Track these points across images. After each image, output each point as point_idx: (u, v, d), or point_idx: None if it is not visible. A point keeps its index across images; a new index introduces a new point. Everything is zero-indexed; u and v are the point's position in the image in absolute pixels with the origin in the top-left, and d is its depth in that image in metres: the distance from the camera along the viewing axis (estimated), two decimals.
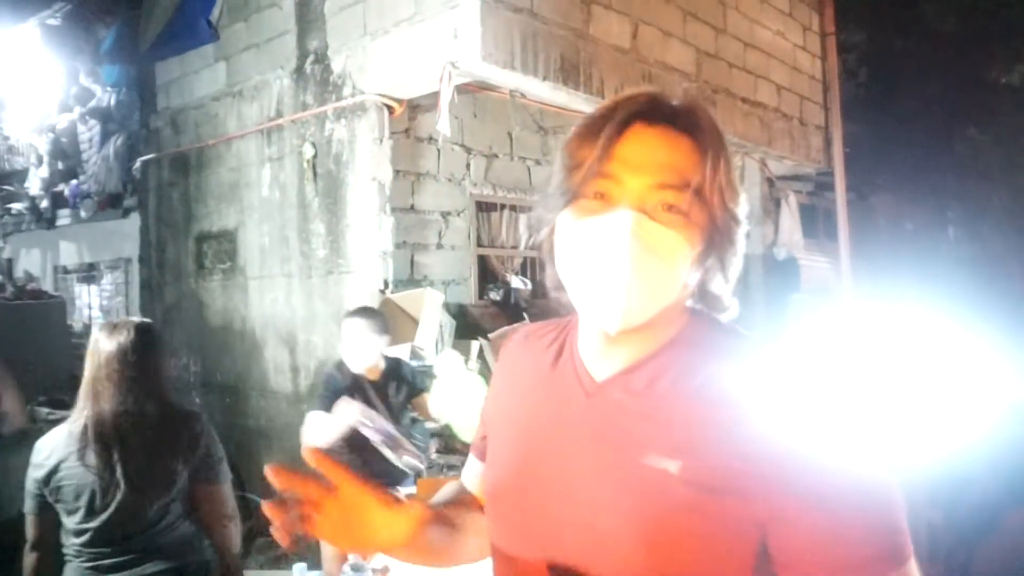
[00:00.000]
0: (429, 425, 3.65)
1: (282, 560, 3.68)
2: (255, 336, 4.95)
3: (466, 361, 3.94)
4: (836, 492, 0.65)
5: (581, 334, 0.82)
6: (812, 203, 7.71)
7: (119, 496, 1.78)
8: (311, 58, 4.55)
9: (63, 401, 4.37)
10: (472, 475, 0.99)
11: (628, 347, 0.76)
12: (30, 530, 1.85)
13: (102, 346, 1.85)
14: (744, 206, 0.77)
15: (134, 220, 6.02)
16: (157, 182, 5.77)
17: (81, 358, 1.96)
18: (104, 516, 1.79)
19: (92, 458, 1.79)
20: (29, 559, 1.85)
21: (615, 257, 0.69)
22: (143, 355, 1.87)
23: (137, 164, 5.87)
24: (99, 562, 1.81)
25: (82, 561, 1.82)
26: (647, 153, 0.71)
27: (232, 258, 5.12)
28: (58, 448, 1.83)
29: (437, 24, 3.76)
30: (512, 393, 0.89)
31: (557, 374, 0.83)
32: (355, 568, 1.86)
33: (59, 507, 1.82)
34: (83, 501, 1.79)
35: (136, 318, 2.02)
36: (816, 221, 7.70)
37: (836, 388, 0.70)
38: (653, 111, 0.73)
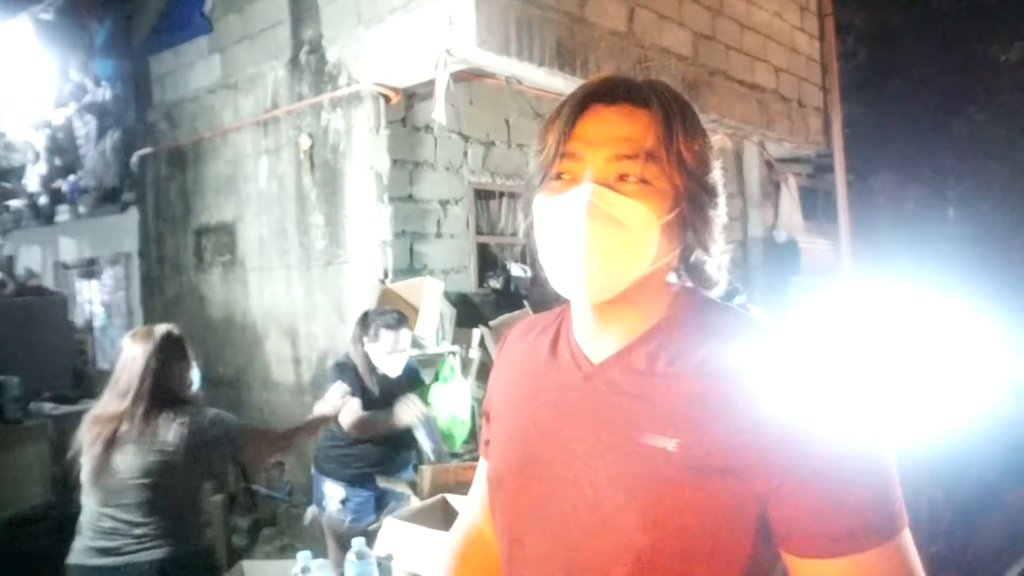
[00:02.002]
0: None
1: (287, 550, 3.71)
2: (256, 328, 4.96)
3: (467, 349, 3.95)
4: (831, 464, 0.66)
5: (575, 319, 0.84)
6: (812, 185, 7.68)
7: (111, 482, 1.99)
8: (305, 48, 4.52)
9: (66, 396, 4.39)
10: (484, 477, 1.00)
11: (620, 327, 0.78)
12: None
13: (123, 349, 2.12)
14: (715, 176, 0.77)
15: (133, 215, 6.00)
16: (154, 176, 5.75)
17: (83, 353, 2.13)
18: (99, 500, 2.01)
19: (96, 447, 1.99)
20: None
21: (573, 228, 0.72)
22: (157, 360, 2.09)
23: (134, 158, 5.85)
24: (96, 543, 2.00)
25: (84, 539, 2.03)
26: (603, 128, 0.74)
27: (231, 251, 5.11)
28: (80, 433, 2.06)
29: (431, 11, 3.73)
30: (511, 384, 0.90)
31: (554, 360, 0.84)
32: (360, 556, 1.87)
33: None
34: (89, 485, 2.02)
35: (159, 327, 2.19)
36: (816, 203, 7.68)
37: (833, 364, 0.70)
38: (609, 91, 0.76)
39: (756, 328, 0.76)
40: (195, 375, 2.20)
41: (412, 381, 2.97)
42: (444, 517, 2.12)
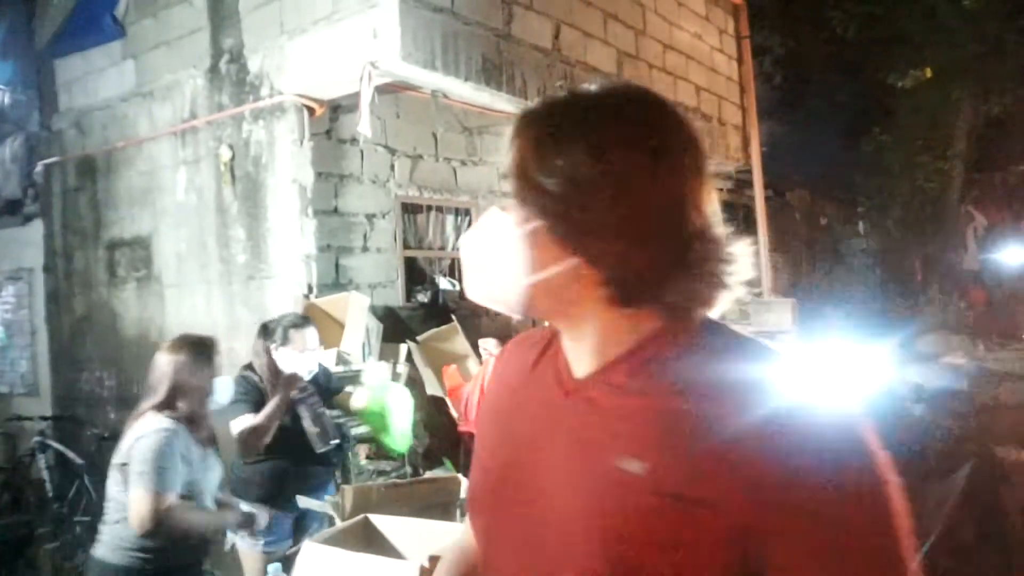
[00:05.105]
0: (357, 431, 3.59)
1: None
2: None
3: (394, 364, 3.90)
4: (831, 503, 0.58)
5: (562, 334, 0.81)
6: (732, 200, 8.00)
7: None
8: (226, 57, 4.39)
9: None
10: None
11: (589, 343, 0.73)
12: None
13: None
14: (581, 184, 0.67)
15: (36, 227, 5.65)
16: (62, 187, 5.44)
17: None
18: None
19: None
20: None
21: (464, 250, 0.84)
22: None
23: (39, 168, 5.52)
24: None
25: None
26: None
27: (147, 265, 4.88)
28: None
29: (356, 23, 3.70)
30: (499, 398, 0.86)
31: (539, 373, 0.80)
32: None
33: None
34: None
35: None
36: (736, 217, 8.01)
37: (826, 388, 0.63)
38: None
39: (745, 347, 0.69)
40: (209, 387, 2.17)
41: (327, 385, 2.90)
42: (366, 539, 2.06)
